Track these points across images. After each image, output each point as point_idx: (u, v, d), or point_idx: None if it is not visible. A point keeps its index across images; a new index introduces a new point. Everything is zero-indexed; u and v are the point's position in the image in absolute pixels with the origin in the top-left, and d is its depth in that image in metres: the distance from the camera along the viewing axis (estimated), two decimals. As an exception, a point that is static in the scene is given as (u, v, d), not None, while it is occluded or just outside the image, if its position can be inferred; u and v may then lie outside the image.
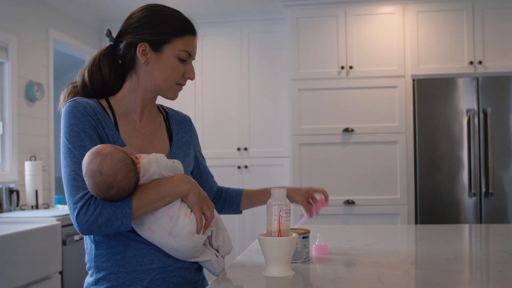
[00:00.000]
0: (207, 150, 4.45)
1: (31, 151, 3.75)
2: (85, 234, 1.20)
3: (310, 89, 3.95)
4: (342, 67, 3.90)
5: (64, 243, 2.99)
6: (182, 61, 1.36)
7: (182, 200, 1.26)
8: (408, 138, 3.84)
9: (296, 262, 1.46)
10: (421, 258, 1.51)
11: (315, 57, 3.96)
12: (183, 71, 1.38)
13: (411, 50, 3.85)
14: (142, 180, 1.22)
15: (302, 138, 3.94)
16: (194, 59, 1.41)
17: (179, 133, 1.49)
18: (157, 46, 1.33)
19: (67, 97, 1.38)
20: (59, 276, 2.94)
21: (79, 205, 1.18)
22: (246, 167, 4.38)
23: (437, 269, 1.38)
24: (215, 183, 1.68)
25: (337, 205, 3.87)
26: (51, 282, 2.85)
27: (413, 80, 3.85)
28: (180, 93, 4.86)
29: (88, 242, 1.34)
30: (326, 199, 1.64)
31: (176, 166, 1.30)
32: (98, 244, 1.30)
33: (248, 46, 4.46)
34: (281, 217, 1.30)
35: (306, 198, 1.61)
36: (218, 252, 1.37)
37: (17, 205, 3.41)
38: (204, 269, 1.43)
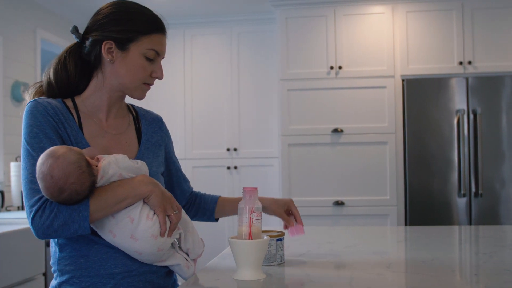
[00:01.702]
0: (196, 151, 4.43)
1: (17, 152, 3.72)
2: (42, 238, 1.16)
3: (299, 89, 3.93)
4: (332, 67, 3.88)
5: (48, 244, 2.96)
6: (149, 60, 1.32)
7: (144, 202, 1.22)
8: (397, 139, 3.82)
9: (270, 265, 1.44)
10: (398, 261, 1.49)
11: (305, 57, 3.94)
12: (151, 71, 1.34)
13: (400, 50, 3.83)
14: (101, 182, 1.18)
15: (291, 138, 3.92)
16: (163, 57, 1.38)
17: (148, 133, 1.45)
18: (123, 45, 1.30)
19: (32, 97, 1.35)
20: (43, 277, 2.91)
21: (34, 208, 1.15)
22: (235, 167, 4.35)
23: (412, 272, 1.37)
24: (189, 187, 1.63)
25: (326, 206, 3.84)
26: (35, 283, 2.82)
27: (403, 80, 3.84)
28: (170, 93, 4.86)
29: (52, 245, 1.31)
30: (302, 227, 1.59)
31: (139, 167, 1.26)
32: (62, 247, 1.27)
33: (238, 46, 4.44)
34: (252, 219, 1.27)
35: (285, 210, 1.56)
36: (188, 255, 1.34)
37: (2, 206, 3.39)
38: (175, 274, 1.40)
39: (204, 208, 1.60)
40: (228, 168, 4.37)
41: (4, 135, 3.55)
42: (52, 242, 1.31)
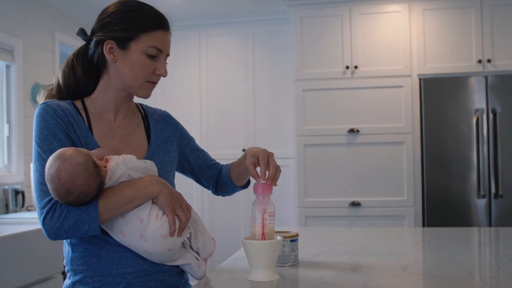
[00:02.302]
0: (212, 151, 4.43)
1: (37, 153, 3.77)
2: (53, 239, 1.17)
3: (315, 89, 3.91)
4: (347, 67, 3.85)
5: (66, 245, 3.00)
6: (151, 57, 1.31)
7: (153, 202, 1.22)
8: (414, 139, 3.78)
9: (284, 266, 1.43)
10: (414, 263, 1.47)
11: (320, 57, 3.92)
12: (153, 68, 1.32)
13: (417, 49, 3.79)
14: (109, 183, 1.19)
15: (307, 139, 3.90)
16: (168, 55, 1.36)
17: (157, 131, 1.45)
18: (123, 43, 1.29)
19: (44, 100, 1.36)
20: (61, 276, 2.95)
21: (45, 210, 1.16)
22: (252, 168, 4.35)
23: (428, 274, 1.35)
24: (214, 173, 1.57)
25: (342, 207, 3.82)
26: (54, 282, 2.86)
27: (420, 79, 3.79)
28: (185, 94, 4.88)
29: (65, 245, 1.32)
30: (271, 182, 1.29)
31: (147, 167, 1.26)
32: (74, 246, 1.28)
33: (253, 46, 4.43)
34: (265, 220, 1.27)
35: (253, 162, 1.34)
36: (198, 254, 1.33)
37: (23, 206, 3.44)
38: (187, 273, 1.40)
39: (225, 182, 1.55)
40: (244, 168, 4.36)
41: (25, 137, 3.60)
42: (65, 242, 1.32)
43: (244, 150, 4.36)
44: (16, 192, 3.37)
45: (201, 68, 4.50)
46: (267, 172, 1.31)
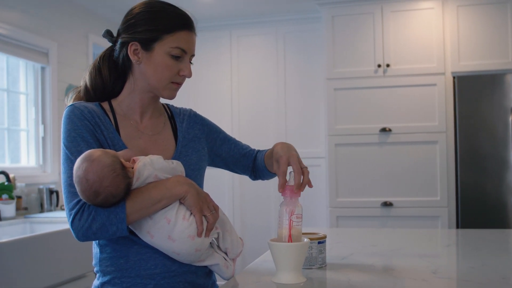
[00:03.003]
0: (243, 151, 4.45)
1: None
2: (82, 241, 1.18)
3: (346, 88, 3.87)
4: (379, 65, 3.80)
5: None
6: (176, 58, 1.30)
7: (181, 203, 1.22)
8: (448, 138, 3.69)
9: (311, 268, 1.42)
10: (445, 266, 1.44)
11: (351, 55, 3.87)
12: (178, 69, 1.31)
13: (451, 46, 3.70)
14: (136, 183, 1.19)
15: (339, 138, 3.86)
16: (192, 55, 1.35)
17: (183, 130, 1.44)
18: (147, 45, 1.29)
19: (72, 102, 1.38)
20: (94, 275, 3.00)
21: (73, 211, 1.17)
22: (282, 168, 4.33)
23: (459, 279, 1.31)
24: (249, 161, 1.54)
25: (374, 207, 3.77)
26: (87, 280, 2.92)
27: (454, 77, 3.71)
28: (217, 94, 4.89)
29: (94, 246, 1.34)
30: (299, 186, 1.26)
31: (174, 167, 1.26)
32: (103, 247, 1.29)
33: (284, 46, 4.42)
34: (292, 221, 1.26)
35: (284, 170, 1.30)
36: (226, 254, 1.33)
37: (57, 205, 3.52)
38: (214, 274, 1.40)
39: (262, 170, 1.51)
40: (275, 168, 4.35)
41: (59, 137, 3.68)
42: (94, 243, 1.33)
43: (274, 149, 4.35)
44: (51, 192, 3.45)
45: (232, 68, 4.52)
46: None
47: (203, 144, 1.48)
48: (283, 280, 1.25)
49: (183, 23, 1.31)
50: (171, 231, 1.20)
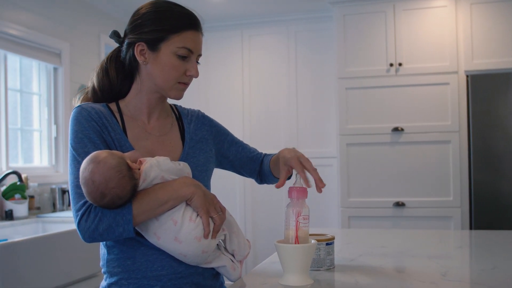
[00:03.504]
0: (254, 151, 4.44)
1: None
2: (88, 242, 1.18)
3: (358, 87, 3.85)
4: (391, 64, 3.77)
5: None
6: (182, 58, 1.30)
7: (187, 204, 1.22)
8: (461, 137, 3.65)
9: (319, 270, 1.41)
10: (454, 269, 1.42)
11: (363, 54, 3.85)
12: (184, 69, 1.31)
13: (464, 45, 3.66)
14: (143, 185, 1.19)
15: (350, 138, 3.84)
16: (199, 55, 1.34)
17: (191, 131, 1.44)
18: (153, 45, 1.29)
19: (79, 103, 1.38)
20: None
21: (80, 212, 1.17)
22: (294, 167, 4.32)
23: (468, 282, 1.29)
24: (256, 165, 1.54)
25: (386, 207, 3.74)
26: (97, 280, 2.93)
27: (467, 76, 3.66)
28: (229, 94, 4.87)
29: (101, 247, 1.34)
30: (303, 189, 1.26)
31: (181, 168, 1.26)
32: (110, 249, 1.29)
33: (295, 45, 4.40)
34: (298, 223, 1.25)
35: (286, 170, 1.34)
36: (234, 256, 1.33)
37: (69, 205, 3.54)
38: (222, 276, 1.40)
39: (267, 175, 1.52)
40: (286, 168, 4.34)
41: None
42: (101, 244, 1.34)
43: (286, 149, 4.34)
44: (63, 192, 3.48)
45: (243, 68, 4.51)
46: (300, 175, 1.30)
47: (211, 146, 1.47)
48: (290, 282, 1.24)
49: (189, 22, 1.31)
50: (178, 233, 1.19)
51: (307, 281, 1.25)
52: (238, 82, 4.52)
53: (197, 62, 1.35)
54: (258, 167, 1.55)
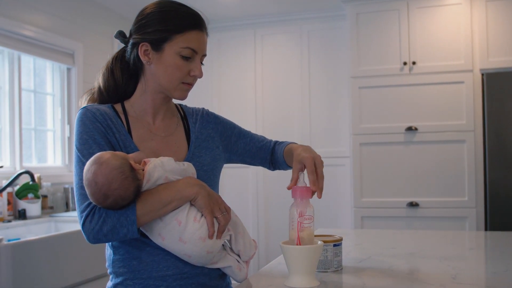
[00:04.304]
0: (267, 150, 4.42)
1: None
2: (93, 243, 1.18)
3: (371, 86, 3.81)
4: (405, 63, 3.72)
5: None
6: (186, 58, 1.29)
7: (191, 204, 1.21)
8: (476, 137, 3.59)
9: (326, 271, 1.39)
10: (465, 271, 1.39)
11: (376, 53, 3.81)
12: (188, 69, 1.30)
13: (479, 42, 3.60)
14: (147, 185, 1.18)
15: (363, 137, 3.80)
16: (204, 55, 1.34)
17: (196, 130, 1.43)
18: (157, 45, 1.28)
19: (85, 104, 1.38)
20: (116, 274, 3.03)
21: (84, 213, 1.17)
22: (306, 167, 4.29)
23: (479, 285, 1.26)
24: (267, 153, 1.53)
25: (400, 207, 3.70)
26: (108, 279, 2.95)
27: (482, 74, 3.60)
28: (241, 94, 4.86)
29: (107, 248, 1.34)
30: (308, 189, 1.25)
31: (185, 169, 1.25)
32: (116, 249, 1.29)
33: (308, 44, 4.38)
34: (300, 223, 1.23)
35: (299, 169, 1.30)
36: (239, 257, 1.32)
37: (83, 204, 3.56)
38: (229, 276, 1.39)
39: (281, 164, 1.51)
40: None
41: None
42: (107, 245, 1.34)
43: (298, 149, 4.32)
44: (77, 191, 3.50)
45: (256, 67, 4.50)
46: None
47: (218, 143, 1.46)
48: (296, 283, 1.23)
49: (193, 23, 1.30)
50: (182, 233, 1.19)
51: (312, 283, 1.24)
52: (251, 82, 4.51)
53: (202, 63, 1.34)
54: (269, 156, 1.54)
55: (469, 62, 3.61)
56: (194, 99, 4.76)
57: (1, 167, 2.96)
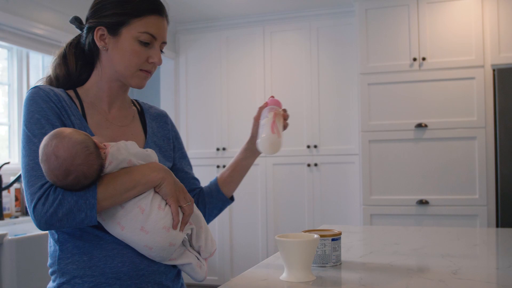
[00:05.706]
0: (276, 148, 4.40)
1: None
2: (44, 229, 1.07)
3: (380, 83, 3.77)
4: (415, 59, 3.67)
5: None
6: (144, 44, 1.22)
7: (155, 192, 1.13)
8: (488, 134, 3.53)
9: (324, 266, 1.37)
10: (467, 267, 1.35)
11: (386, 49, 3.77)
12: (146, 56, 1.24)
13: (491, 38, 3.54)
14: (109, 167, 1.10)
15: (372, 134, 3.77)
16: (164, 42, 1.27)
17: (153, 127, 1.38)
18: (114, 30, 1.22)
19: None
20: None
21: (37, 195, 1.06)
22: (316, 165, 4.27)
23: (480, 280, 1.23)
24: (195, 185, 1.47)
25: (409, 205, 3.65)
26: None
27: (493, 70, 3.54)
28: (250, 90, 4.84)
29: (51, 244, 1.22)
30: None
31: (148, 154, 1.18)
32: (62, 244, 1.17)
33: (317, 41, 4.34)
34: (276, 113, 1.46)
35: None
36: (199, 254, 1.24)
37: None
38: (182, 277, 1.32)
39: (210, 195, 1.44)
40: (309, 165, 4.29)
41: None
42: (51, 240, 1.22)
43: (308, 146, 4.30)
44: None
45: (265, 64, 4.48)
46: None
47: (171, 147, 1.41)
48: (292, 278, 1.21)
49: (152, 7, 1.24)
50: (145, 222, 1.11)
51: (308, 277, 1.22)
52: (260, 78, 4.49)
53: (161, 51, 1.28)
54: (196, 192, 1.46)
55: (480, 58, 3.55)
56: (205, 95, 4.77)
57: (8, 163, 2.98)
